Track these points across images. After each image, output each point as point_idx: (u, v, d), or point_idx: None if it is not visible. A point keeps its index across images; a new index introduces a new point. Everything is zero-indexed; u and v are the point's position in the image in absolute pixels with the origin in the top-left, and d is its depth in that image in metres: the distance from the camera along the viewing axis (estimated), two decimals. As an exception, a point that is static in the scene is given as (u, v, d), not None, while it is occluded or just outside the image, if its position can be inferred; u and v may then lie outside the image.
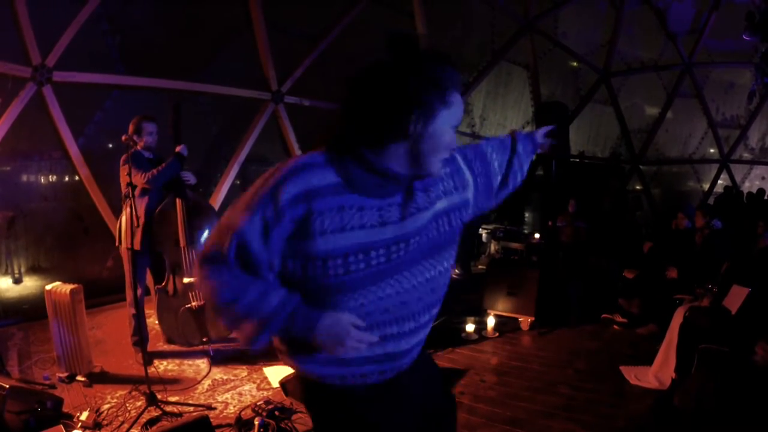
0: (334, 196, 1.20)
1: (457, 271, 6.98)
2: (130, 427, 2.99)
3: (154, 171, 3.81)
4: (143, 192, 3.90)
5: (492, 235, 8.46)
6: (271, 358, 4.16)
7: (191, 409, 3.25)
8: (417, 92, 1.18)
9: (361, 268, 1.22)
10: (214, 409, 3.29)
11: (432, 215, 1.32)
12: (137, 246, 3.87)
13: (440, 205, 1.33)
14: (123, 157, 3.70)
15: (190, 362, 4.04)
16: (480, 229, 8.55)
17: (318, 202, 1.19)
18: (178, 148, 3.94)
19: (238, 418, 3.08)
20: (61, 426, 2.80)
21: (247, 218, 1.20)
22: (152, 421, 3.05)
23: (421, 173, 1.27)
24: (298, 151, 7.32)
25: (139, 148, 3.91)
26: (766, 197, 10.22)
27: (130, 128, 3.87)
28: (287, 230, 1.19)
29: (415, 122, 1.18)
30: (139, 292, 3.83)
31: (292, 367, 1.46)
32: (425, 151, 1.22)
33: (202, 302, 3.99)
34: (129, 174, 3.49)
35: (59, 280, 3.83)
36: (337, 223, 1.19)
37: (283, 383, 3.47)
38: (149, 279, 4.37)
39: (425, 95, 1.18)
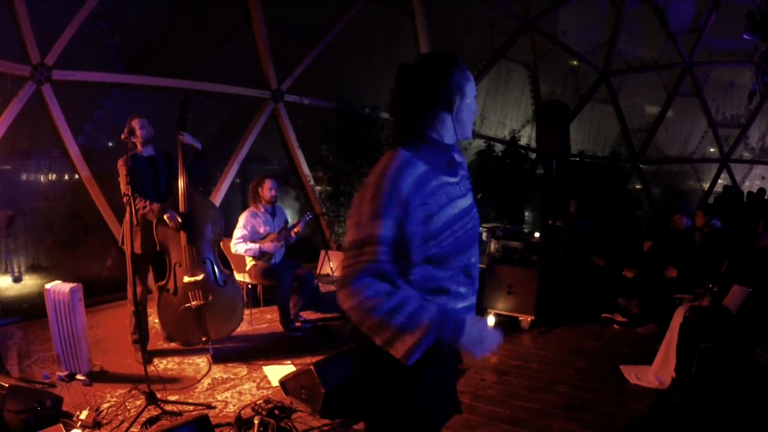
0: (430, 181, 1.48)
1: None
2: (130, 426, 2.99)
3: (142, 210, 3.83)
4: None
5: (492, 234, 8.44)
6: (270, 356, 4.17)
7: (191, 408, 3.25)
8: (457, 79, 1.58)
9: (455, 238, 1.51)
10: (214, 408, 3.29)
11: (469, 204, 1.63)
12: (137, 250, 3.88)
13: (470, 199, 1.63)
14: (122, 160, 3.70)
15: (190, 361, 4.04)
16: (479, 228, 8.54)
17: (424, 188, 1.45)
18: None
19: (238, 417, 3.08)
20: (61, 425, 2.80)
21: (380, 224, 1.40)
22: (152, 420, 3.05)
23: (463, 134, 1.62)
24: (297, 150, 7.33)
25: (139, 149, 3.93)
26: (766, 197, 10.22)
27: (125, 131, 3.88)
28: (414, 219, 1.42)
29: (456, 98, 1.57)
30: (139, 290, 3.83)
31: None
32: (464, 119, 1.60)
33: (201, 302, 3.99)
34: (128, 173, 3.50)
35: (59, 279, 3.83)
36: (444, 199, 1.49)
37: (283, 382, 3.47)
38: (150, 277, 4.36)
39: (460, 79, 1.58)
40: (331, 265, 6.09)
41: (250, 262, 4.82)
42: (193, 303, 3.98)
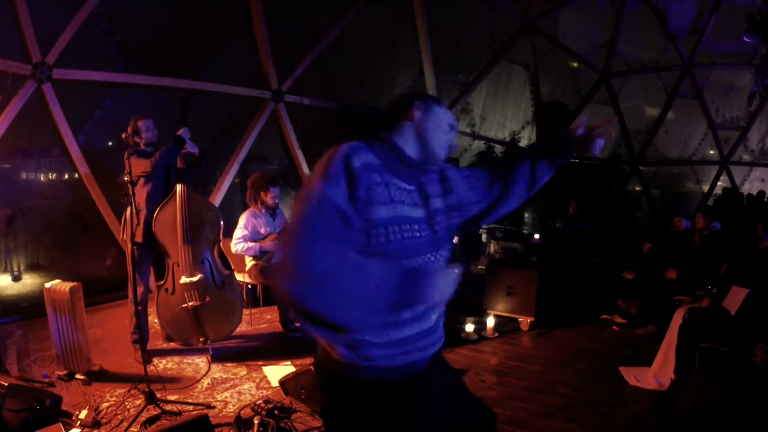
0: (380, 173, 1.44)
1: (456, 270, 6.97)
2: (129, 425, 2.99)
3: (156, 155, 3.84)
4: (146, 181, 3.91)
5: (491, 235, 8.47)
6: (270, 356, 4.16)
7: (190, 407, 3.25)
8: (424, 99, 1.58)
9: (397, 239, 1.42)
10: (214, 408, 3.29)
11: (433, 209, 1.56)
12: (138, 238, 3.88)
13: (436, 203, 1.58)
14: (126, 154, 3.74)
15: (190, 361, 4.04)
16: (480, 230, 8.56)
17: (373, 175, 1.41)
18: (179, 132, 3.96)
19: (238, 417, 3.08)
20: (60, 424, 2.80)
21: (328, 183, 1.34)
22: (151, 420, 3.05)
23: (427, 157, 1.57)
24: (297, 150, 7.33)
25: (142, 147, 3.94)
26: (765, 199, 10.22)
27: (129, 130, 3.90)
28: (361, 194, 1.37)
29: (418, 108, 1.55)
30: (140, 290, 3.83)
31: (332, 359, 1.50)
32: (431, 132, 1.55)
33: (198, 302, 3.99)
34: (129, 172, 3.51)
35: (58, 278, 3.83)
36: (385, 196, 1.42)
37: (283, 382, 3.47)
38: (151, 277, 4.36)
39: (425, 95, 1.60)
40: (330, 265, 6.10)
41: (250, 262, 4.82)
42: (190, 304, 3.98)
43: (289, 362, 4.04)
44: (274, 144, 7.34)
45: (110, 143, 5.85)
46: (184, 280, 3.99)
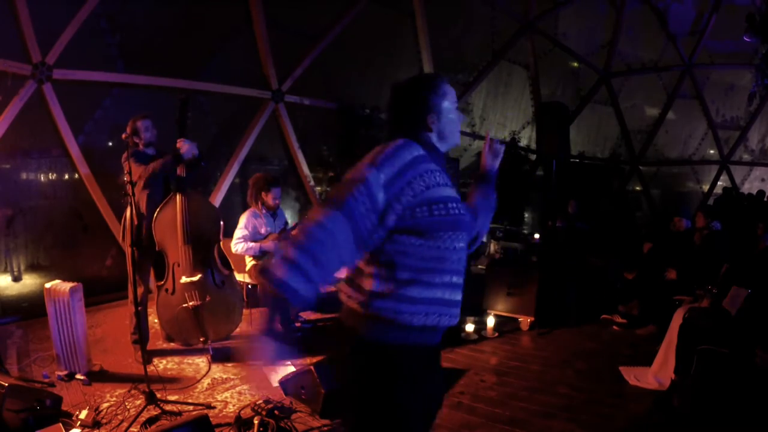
0: (427, 163, 1.66)
1: None
2: (130, 425, 2.99)
3: (150, 168, 3.81)
4: (145, 185, 3.90)
5: (491, 235, 8.47)
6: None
7: (191, 408, 3.25)
8: (431, 101, 1.75)
9: (454, 213, 1.63)
10: (214, 408, 3.29)
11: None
12: (144, 241, 3.87)
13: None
14: (124, 155, 3.73)
15: (190, 361, 4.04)
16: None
17: (425, 164, 1.64)
18: (178, 144, 3.93)
19: (238, 417, 3.08)
20: (60, 424, 2.80)
21: (372, 171, 1.55)
22: (151, 420, 3.05)
23: (449, 144, 1.82)
24: (297, 150, 7.32)
25: (141, 148, 3.94)
26: (765, 199, 10.22)
27: (128, 130, 3.89)
28: (411, 188, 1.56)
29: (432, 120, 1.75)
30: (140, 290, 3.82)
31: (359, 305, 1.62)
32: (447, 132, 1.78)
33: (198, 302, 3.99)
34: (129, 172, 3.51)
35: (58, 278, 3.83)
36: (439, 180, 1.64)
37: (283, 382, 3.47)
38: (152, 277, 4.36)
39: (434, 100, 1.76)
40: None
41: (250, 262, 4.82)
42: (190, 303, 3.98)
43: (289, 362, 4.04)
44: (274, 144, 7.33)
45: (110, 143, 5.85)
46: (184, 280, 3.99)
